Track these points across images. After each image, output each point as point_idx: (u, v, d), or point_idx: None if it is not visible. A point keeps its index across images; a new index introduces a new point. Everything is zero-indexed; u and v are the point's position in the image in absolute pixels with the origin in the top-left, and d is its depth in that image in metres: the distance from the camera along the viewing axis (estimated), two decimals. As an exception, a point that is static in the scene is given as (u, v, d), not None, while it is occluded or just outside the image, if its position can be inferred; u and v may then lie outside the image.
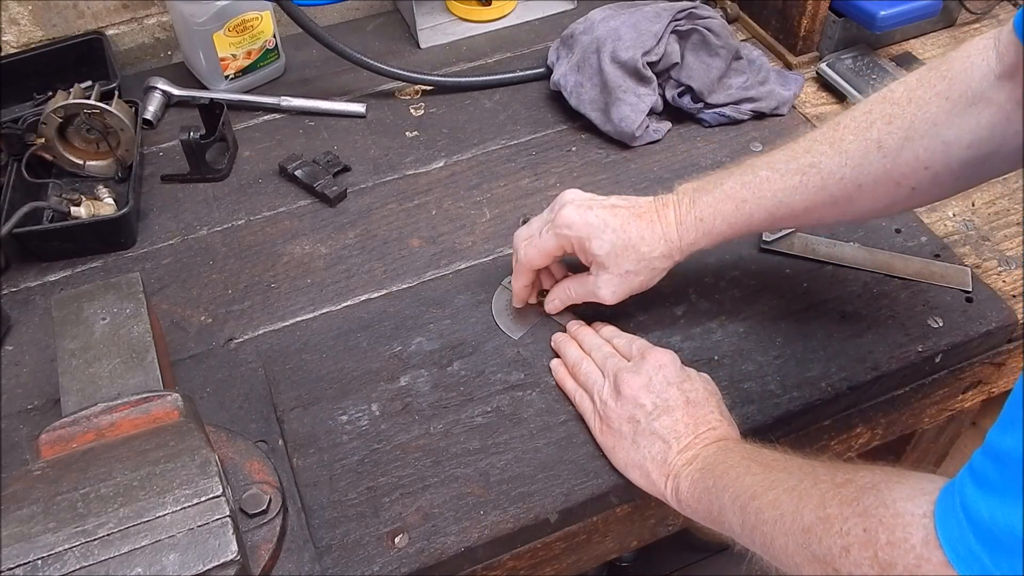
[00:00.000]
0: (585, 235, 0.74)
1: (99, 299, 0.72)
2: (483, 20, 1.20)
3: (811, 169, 0.69)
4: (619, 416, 0.71)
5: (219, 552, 0.55)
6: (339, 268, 0.90)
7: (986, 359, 0.86)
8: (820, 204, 0.69)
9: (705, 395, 0.71)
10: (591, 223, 0.74)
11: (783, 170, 0.70)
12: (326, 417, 0.76)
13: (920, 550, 0.46)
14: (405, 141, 1.04)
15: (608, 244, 0.74)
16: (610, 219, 0.74)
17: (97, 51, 1.08)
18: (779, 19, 1.12)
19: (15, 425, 0.77)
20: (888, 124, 0.65)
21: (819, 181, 0.68)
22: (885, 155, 0.66)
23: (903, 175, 0.66)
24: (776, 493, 0.57)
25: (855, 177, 0.67)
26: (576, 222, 0.74)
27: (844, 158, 0.67)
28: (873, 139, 0.66)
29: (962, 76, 0.63)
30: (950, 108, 0.63)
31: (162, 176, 1.00)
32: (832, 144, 0.68)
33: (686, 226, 0.73)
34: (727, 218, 0.72)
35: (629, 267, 0.74)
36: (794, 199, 0.70)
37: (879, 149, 0.66)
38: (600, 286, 0.76)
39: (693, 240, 0.74)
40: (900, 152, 0.65)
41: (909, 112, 0.65)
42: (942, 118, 0.63)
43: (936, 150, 0.64)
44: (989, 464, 0.43)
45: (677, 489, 0.67)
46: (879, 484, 0.51)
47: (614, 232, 0.74)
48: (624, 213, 0.74)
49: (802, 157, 0.70)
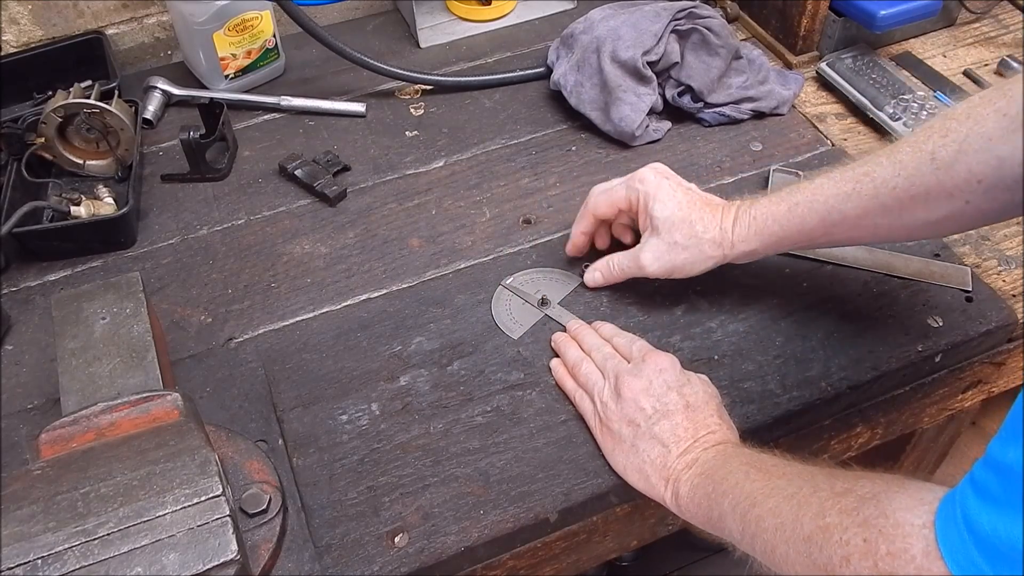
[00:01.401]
0: (653, 193, 0.78)
1: (99, 299, 0.72)
2: (483, 20, 1.20)
3: (864, 177, 0.70)
4: (619, 418, 0.71)
5: (219, 552, 0.55)
6: (339, 268, 0.90)
7: (986, 359, 0.86)
8: (873, 211, 0.70)
9: (705, 399, 0.71)
10: (662, 187, 0.78)
11: (837, 178, 0.71)
12: (326, 417, 0.76)
13: (920, 561, 0.46)
14: (405, 141, 1.04)
15: (668, 209, 0.77)
16: (679, 193, 0.78)
17: (97, 51, 1.08)
18: (779, 19, 1.12)
19: (15, 425, 0.77)
20: (944, 137, 0.66)
21: (872, 189, 0.69)
22: (938, 167, 0.65)
23: (956, 187, 0.65)
24: (776, 501, 0.57)
25: (907, 187, 0.67)
26: (650, 180, 0.79)
27: (898, 168, 0.68)
28: (927, 151, 0.66)
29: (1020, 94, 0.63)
30: (1007, 124, 0.63)
31: (162, 176, 1.00)
32: (888, 155, 0.69)
33: (740, 223, 0.76)
34: (779, 219, 0.74)
35: (679, 239, 0.77)
36: (847, 206, 0.70)
37: (932, 160, 0.66)
38: (646, 250, 0.79)
39: (744, 236, 0.75)
40: (953, 165, 0.65)
41: (966, 127, 0.65)
42: (997, 133, 0.63)
43: (989, 164, 0.63)
44: (991, 476, 0.43)
45: (676, 493, 0.67)
46: (879, 494, 0.51)
47: (678, 204, 0.77)
48: (694, 196, 0.79)
49: (857, 167, 0.71)
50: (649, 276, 0.79)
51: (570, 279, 0.87)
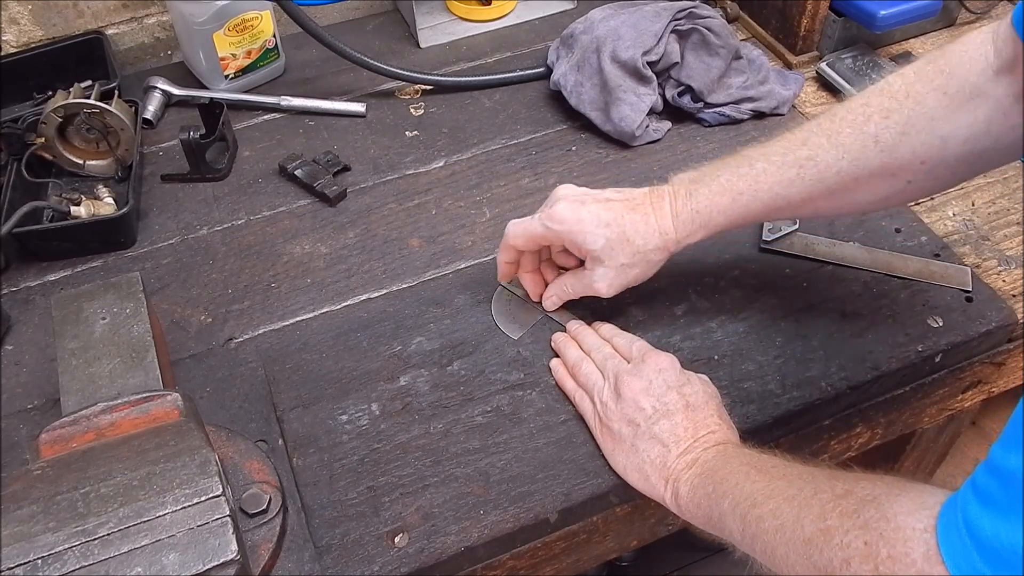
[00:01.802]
0: (578, 231, 0.74)
1: (99, 299, 0.72)
2: (483, 20, 1.20)
3: (808, 162, 0.69)
4: (619, 418, 0.71)
5: (219, 552, 0.55)
6: (339, 268, 0.90)
7: (986, 359, 0.86)
8: (817, 196, 0.70)
9: (705, 399, 0.71)
10: (583, 219, 0.74)
11: (779, 163, 0.70)
12: (326, 417, 0.76)
13: (922, 565, 0.46)
14: (405, 141, 1.04)
15: (602, 239, 0.74)
16: (603, 214, 0.74)
17: (97, 51, 1.08)
18: (779, 19, 1.12)
19: (15, 425, 0.77)
20: (885, 119, 0.66)
21: (816, 174, 0.69)
22: (882, 150, 0.66)
23: (900, 168, 0.66)
24: (776, 502, 0.57)
25: (852, 171, 0.67)
26: (568, 218, 0.74)
27: (841, 151, 0.67)
28: (870, 133, 0.66)
29: (960, 71, 0.63)
30: (948, 103, 0.63)
31: (162, 176, 1.00)
32: (829, 137, 0.68)
33: (682, 219, 0.73)
34: (724, 211, 0.72)
35: (624, 260, 0.74)
36: (791, 191, 0.70)
37: (876, 144, 0.66)
38: (596, 280, 0.76)
39: (689, 232, 0.74)
40: (897, 147, 0.65)
41: (907, 107, 0.65)
42: (939, 113, 0.63)
43: (933, 145, 0.64)
44: (993, 482, 0.43)
45: (676, 493, 0.67)
46: (879, 496, 0.51)
47: (608, 227, 0.74)
48: (618, 207, 0.74)
49: (799, 150, 0.70)
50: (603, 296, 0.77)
51: (570, 279, 0.87)
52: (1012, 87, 0.61)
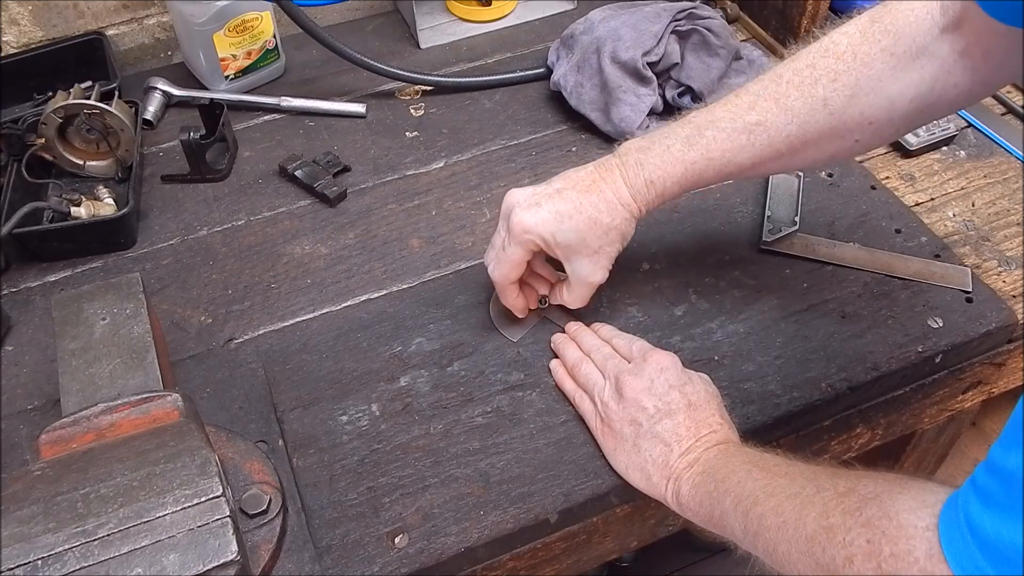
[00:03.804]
0: (547, 232, 0.73)
1: (99, 299, 0.72)
2: (483, 20, 1.20)
3: (758, 127, 0.69)
4: (620, 418, 0.71)
5: (219, 552, 0.55)
6: (339, 268, 0.90)
7: (986, 359, 0.86)
8: (767, 159, 0.71)
9: (706, 398, 0.71)
10: (546, 219, 0.73)
11: (729, 129, 0.70)
12: (326, 417, 0.76)
13: (924, 563, 0.46)
14: (405, 141, 1.04)
15: (571, 232, 0.73)
16: (561, 206, 0.73)
17: (97, 51, 1.08)
18: (779, 19, 1.12)
19: (15, 425, 0.77)
20: (833, 82, 0.66)
21: (766, 140, 0.69)
22: (831, 113, 0.67)
23: (847, 130, 0.67)
24: (778, 500, 0.57)
25: (801, 134, 0.68)
26: (531, 223, 0.73)
27: (790, 116, 0.68)
28: (819, 97, 0.67)
29: (907, 30, 0.64)
30: (895, 64, 0.64)
31: (162, 176, 1.00)
32: (777, 101, 0.69)
33: (637, 188, 0.73)
34: (678, 180, 0.72)
35: (600, 243, 0.74)
36: (741, 157, 0.71)
37: (825, 107, 0.67)
38: (584, 273, 0.76)
39: (647, 201, 0.74)
40: (846, 110, 0.66)
41: (855, 69, 0.65)
42: (887, 74, 0.64)
43: (880, 107, 0.65)
44: (993, 481, 0.43)
45: (678, 492, 0.67)
46: (881, 494, 0.51)
47: (571, 218, 0.72)
48: (571, 195, 0.73)
49: (748, 114, 0.70)
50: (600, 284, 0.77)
51: (570, 280, 0.87)
52: (956, 44, 0.62)
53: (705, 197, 0.94)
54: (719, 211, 0.93)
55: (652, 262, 0.88)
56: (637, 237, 0.84)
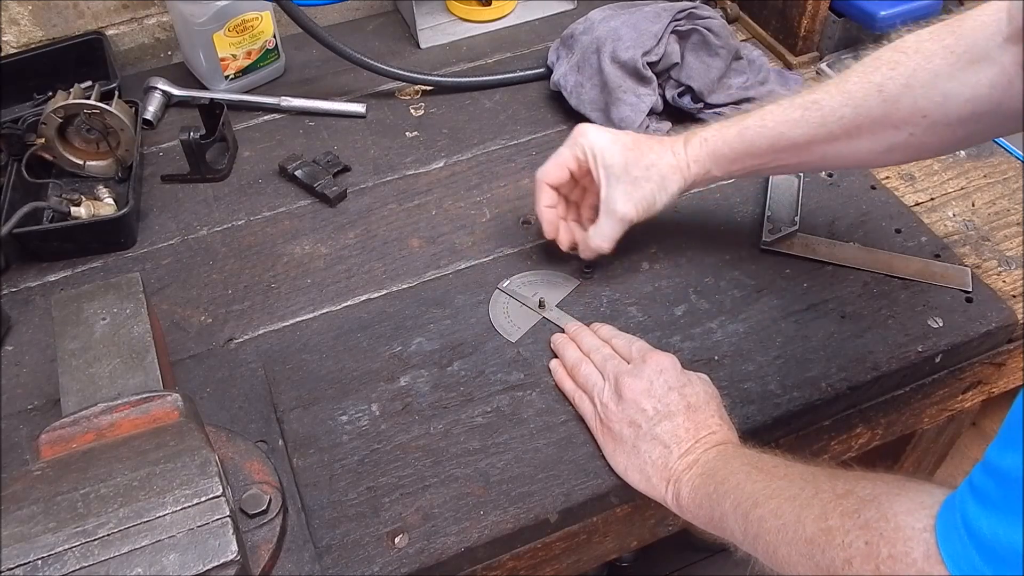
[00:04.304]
0: (598, 145, 0.79)
1: (99, 299, 0.72)
2: (483, 20, 1.20)
3: (813, 105, 0.72)
4: (620, 420, 0.71)
5: (219, 552, 0.55)
6: (339, 268, 0.90)
7: (986, 359, 0.86)
8: (820, 138, 0.72)
9: (705, 399, 0.71)
10: (602, 136, 0.80)
11: (786, 105, 0.74)
12: (326, 417, 0.76)
13: (922, 564, 0.46)
14: (405, 141, 1.04)
15: (618, 153, 0.78)
16: (622, 136, 0.80)
17: (97, 51, 1.08)
18: (779, 19, 1.12)
19: (15, 425, 0.77)
20: (892, 69, 0.68)
21: (819, 117, 0.71)
22: (885, 99, 0.68)
23: (901, 120, 0.68)
24: (778, 502, 0.57)
25: (854, 117, 0.70)
26: (590, 133, 0.80)
27: (846, 97, 0.70)
28: (875, 82, 0.69)
29: (970, 34, 0.65)
30: (954, 62, 0.65)
31: (162, 176, 1.00)
32: (837, 85, 0.72)
33: (692, 144, 0.78)
34: (729, 141, 0.76)
35: (638, 173, 0.78)
36: (795, 132, 0.73)
37: (879, 92, 0.68)
38: (614, 198, 0.79)
39: (697, 156, 0.77)
40: (900, 98, 0.67)
41: (914, 61, 0.67)
42: (944, 70, 0.65)
43: (934, 100, 0.66)
44: (990, 482, 0.44)
45: (678, 494, 0.67)
46: (879, 496, 0.51)
47: (623, 145, 0.79)
48: (639, 136, 0.81)
49: (807, 95, 0.73)
50: (628, 221, 0.79)
51: (568, 281, 0.87)
52: (1018, 56, 0.62)
53: (705, 197, 0.95)
54: (719, 211, 0.93)
55: (652, 262, 0.88)
56: (637, 237, 0.85)
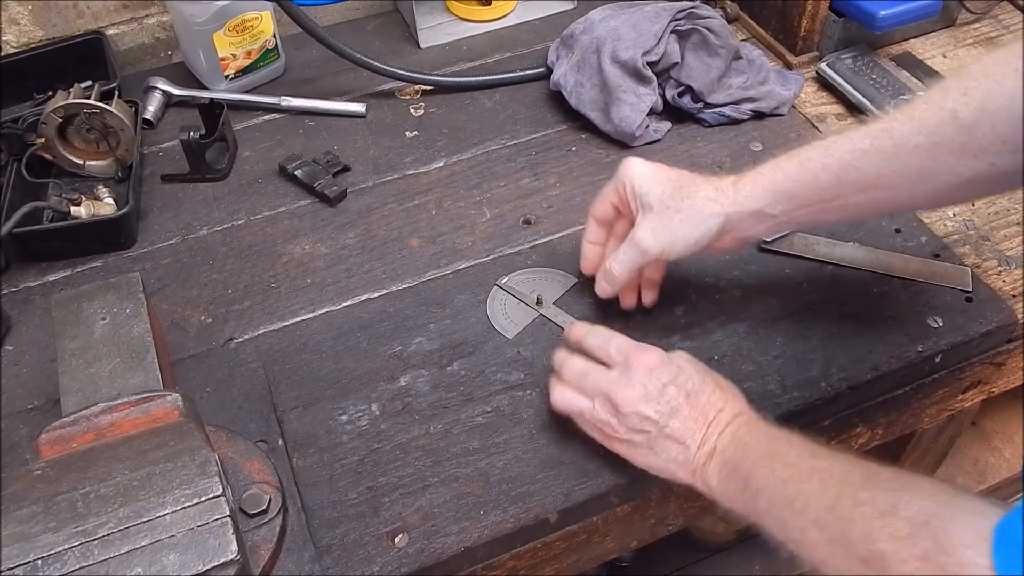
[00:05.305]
0: (638, 174, 0.75)
1: (99, 299, 0.72)
2: (483, 20, 1.20)
3: (883, 133, 0.66)
4: (626, 431, 0.69)
5: (219, 552, 0.55)
6: (339, 268, 0.90)
7: (986, 359, 0.86)
8: (892, 172, 0.67)
9: (699, 379, 0.69)
10: (643, 168, 0.76)
11: (852, 135, 0.68)
12: (326, 417, 0.76)
13: None
14: (405, 141, 1.04)
15: (657, 185, 0.74)
16: (664, 169, 0.76)
17: (97, 51, 1.08)
18: (779, 19, 1.12)
19: (15, 425, 0.77)
20: (964, 95, 0.63)
21: (891, 147, 0.66)
22: (961, 126, 0.63)
23: (980, 148, 0.63)
24: (817, 513, 0.56)
25: (929, 146, 0.64)
26: (633, 165, 0.76)
27: (918, 125, 0.65)
28: (948, 108, 0.64)
29: None
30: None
31: (162, 176, 1.00)
32: (905, 113, 0.66)
33: (744, 180, 0.73)
34: (790, 174, 0.70)
35: (671, 203, 0.74)
36: (864, 163, 0.67)
37: (954, 119, 0.63)
38: (641, 228, 0.74)
39: (751, 192, 0.72)
40: (976, 124, 0.63)
41: (985, 85, 0.63)
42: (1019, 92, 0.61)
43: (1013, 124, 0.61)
44: None
45: (707, 483, 0.66)
46: (931, 521, 0.49)
47: (665, 178, 0.75)
48: (681, 171, 0.76)
49: (874, 124, 0.68)
50: (652, 256, 0.74)
51: (566, 279, 0.87)
52: None
53: (705, 197, 0.94)
54: (719, 211, 0.93)
55: (652, 262, 0.88)
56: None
